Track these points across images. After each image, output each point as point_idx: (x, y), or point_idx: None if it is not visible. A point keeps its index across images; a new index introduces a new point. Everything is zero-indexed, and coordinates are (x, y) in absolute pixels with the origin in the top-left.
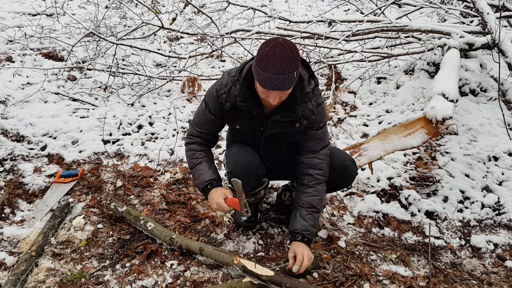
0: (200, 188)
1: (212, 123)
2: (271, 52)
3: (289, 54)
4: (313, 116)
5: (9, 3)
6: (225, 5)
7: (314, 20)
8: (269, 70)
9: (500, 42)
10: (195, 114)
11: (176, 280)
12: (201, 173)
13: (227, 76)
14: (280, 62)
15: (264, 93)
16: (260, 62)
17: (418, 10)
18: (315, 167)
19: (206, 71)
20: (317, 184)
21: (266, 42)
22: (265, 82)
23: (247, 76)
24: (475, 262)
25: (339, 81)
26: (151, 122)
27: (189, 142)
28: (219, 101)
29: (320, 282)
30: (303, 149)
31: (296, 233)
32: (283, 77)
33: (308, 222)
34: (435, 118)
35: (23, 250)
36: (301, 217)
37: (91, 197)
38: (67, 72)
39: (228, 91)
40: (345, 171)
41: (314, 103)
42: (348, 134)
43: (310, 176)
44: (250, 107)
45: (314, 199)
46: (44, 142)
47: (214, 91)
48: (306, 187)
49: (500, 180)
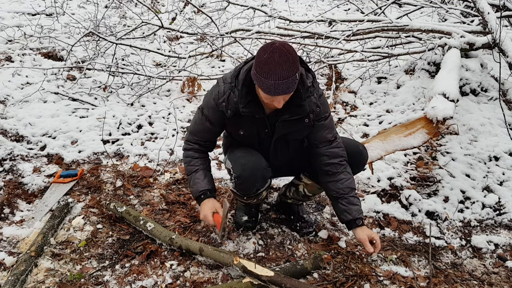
0: (194, 196)
1: (209, 132)
2: (270, 59)
3: (289, 57)
4: (317, 108)
5: (9, 2)
6: (225, 5)
7: (314, 20)
8: (272, 77)
9: (501, 42)
10: (192, 123)
11: (175, 280)
12: (197, 182)
13: (223, 84)
14: (282, 67)
15: (268, 98)
16: (261, 70)
17: (419, 10)
18: (337, 156)
19: (206, 70)
20: (345, 168)
21: (263, 49)
22: (269, 89)
23: (245, 82)
24: (476, 263)
25: (339, 81)
26: (150, 122)
27: (186, 148)
28: (219, 110)
29: (320, 283)
30: (317, 140)
31: (357, 219)
32: (286, 82)
33: (358, 205)
34: (436, 118)
35: (23, 250)
36: (351, 204)
37: (91, 197)
38: (67, 72)
39: (227, 98)
40: (358, 156)
41: (316, 95)
42: (349, 134)
43: (336, 165)
44: (253, 112)
45: (351, 181)
46: (43, 142)
47: (211, 101)
48: (338, 174)
49: (501, 180)
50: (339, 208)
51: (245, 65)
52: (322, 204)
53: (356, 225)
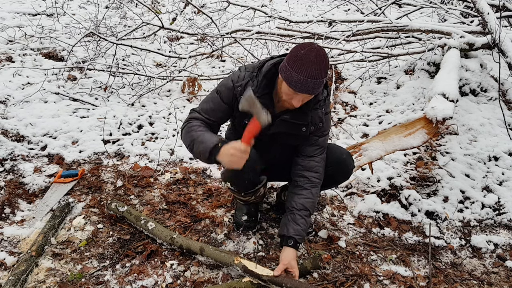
0: (208, 150)
1: (222, 111)
2: (306, 56)
3: (323, 60)
4: (320, 123)
5: (9, 3)
6: (225, 5)
7: (314, 20)
8: (303, 73)
9: (500, 42)
10: (203, 102)
11: (176, 280)
12: (207, 138)
13: (245, 71)
14: (315, 66)
15: (289, 94)
16: (294, 64)
17: (418, 10)
18: (310, 170)
19: (206, 71)
20: (312, 187)
21: (301, 46)
22: (296, 84)
23: (267, 74)
24: (475, 262)
25: (339, 81)
26: (151, 122)
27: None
28: (233, 93)
29: (320, 282)
30: (301, 152)
31: (289, 238)
32: (315, 82)
33: (300, 226)
34: (436, 118)
35: (23, 250)
36: (293, 221)
37: (91, 197)
38: (67, 72)
39: (245, 85)
40: (342, 165)
41: (323, 111)
42: (348, 134)
43: (305, 178)
44: (265, 104)
45: (308, 201)
46: (44, 142)
47: (230, 82)
48: (301, 189)
49: (501, 180)
50: (283, 220)
51: (271, 59)
52: (322, 204)
53: (286, 243)
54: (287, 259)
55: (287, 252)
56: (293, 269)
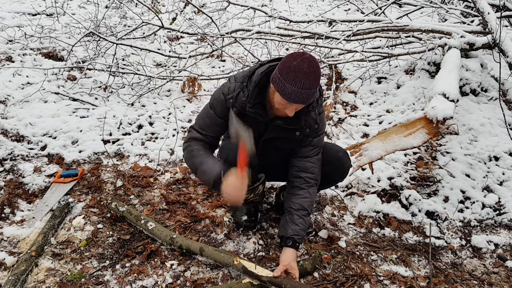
0: (211, 183)
1: (218, 125)
2: (299, 67)
3: (315, 70)
4: (316, 125)
5: (9, 2)
6: (225, 5)
7: (315, 20)
8: (296, 85)
9: (501, 42)
10: (199, 118)
11: (176, 280)
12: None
13: (234, 82)
14: (308, 77)
15: (283, 104)
16: (288, 75)
17: (419, 10)
18: (306, 171)
19: (206, 71)
20: (309, 187)
21: (293, 56)
22: (290, 95)
23: (259, 83)
24: (476, 262)
25: (339, 81)
26: (151, 122)
27: (189, 145)
28: (225, 106)
29: (320, 282)
30: (297, 153)
31: (288, 238)
32: (308, 92)
33: (299, 226)
34: (436, 118)
35: (23, 250)
36: (292, 222)
37: (91, 197)
38: (67, 72)
39: (236, 96)
40: (338, 163)
41: (317, 112)
42: (349, 134)
43: (301, 179)
44: (258, 113)
45: (305, 201)
46: (44, 142)
47: (221, 95)
48: (298, 189)
49: (501, 180)
50: (281, 221)
51: (260, 67)
52: (322, 204)
53: (286, 244)
54: (287, 260)
55: (287, 253)
56: (293, 270)
